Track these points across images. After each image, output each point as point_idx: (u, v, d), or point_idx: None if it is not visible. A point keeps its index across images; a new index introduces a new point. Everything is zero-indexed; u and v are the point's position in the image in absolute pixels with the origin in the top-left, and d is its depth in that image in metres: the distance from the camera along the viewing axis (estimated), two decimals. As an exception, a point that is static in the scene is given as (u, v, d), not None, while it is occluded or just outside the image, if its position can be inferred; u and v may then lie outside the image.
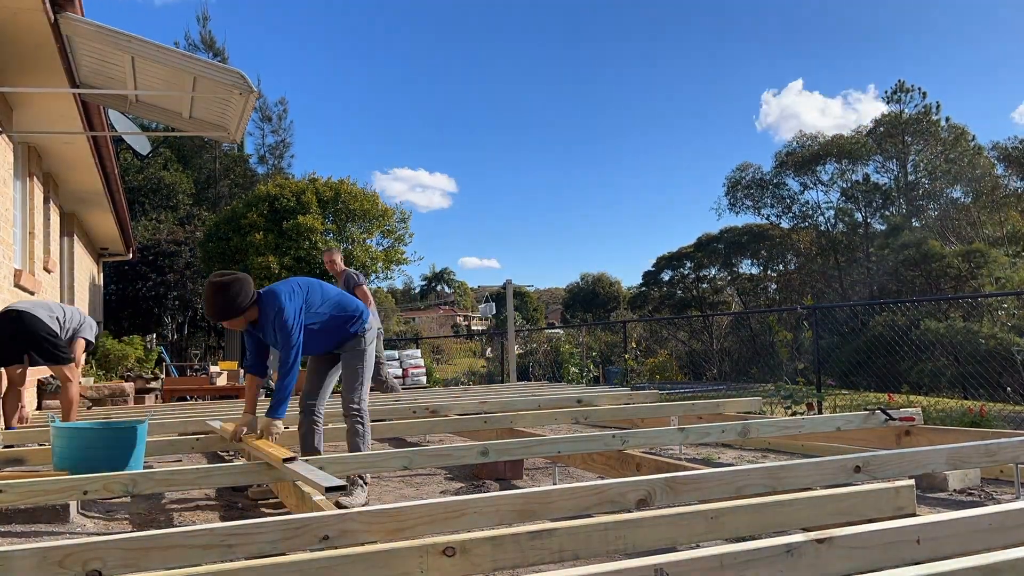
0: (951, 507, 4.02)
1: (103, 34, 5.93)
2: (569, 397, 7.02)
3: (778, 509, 2.43)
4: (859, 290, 29.69)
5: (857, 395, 10.98)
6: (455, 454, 3.97)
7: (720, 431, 4.60)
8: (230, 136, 7.34)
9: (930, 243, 25.00)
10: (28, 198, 8.34)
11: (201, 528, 2.24)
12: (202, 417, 5.75)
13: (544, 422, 5.76)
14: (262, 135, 30.20)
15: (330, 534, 2.33)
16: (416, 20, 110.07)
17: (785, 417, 5.92)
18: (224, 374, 12.85)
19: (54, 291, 10.14)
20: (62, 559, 2.02)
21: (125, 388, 9.37)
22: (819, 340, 9.66)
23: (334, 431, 4.82)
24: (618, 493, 2.67)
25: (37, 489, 3.25)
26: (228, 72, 6.21)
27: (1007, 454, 3.60)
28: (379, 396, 8.95)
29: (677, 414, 6.00)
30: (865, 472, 3.09)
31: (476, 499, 2.53)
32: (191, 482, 3.58)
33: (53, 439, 4.07)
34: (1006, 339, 13.01)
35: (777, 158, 36.39)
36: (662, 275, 41.78)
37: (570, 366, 13.41)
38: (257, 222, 13.76)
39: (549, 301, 72.64)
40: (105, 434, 4.14)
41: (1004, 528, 2.22)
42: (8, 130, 7.10)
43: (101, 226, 13.38)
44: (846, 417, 4.93)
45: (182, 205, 23.28)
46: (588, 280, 67.71)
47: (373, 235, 14.95)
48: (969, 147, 32.34)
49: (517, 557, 2.05)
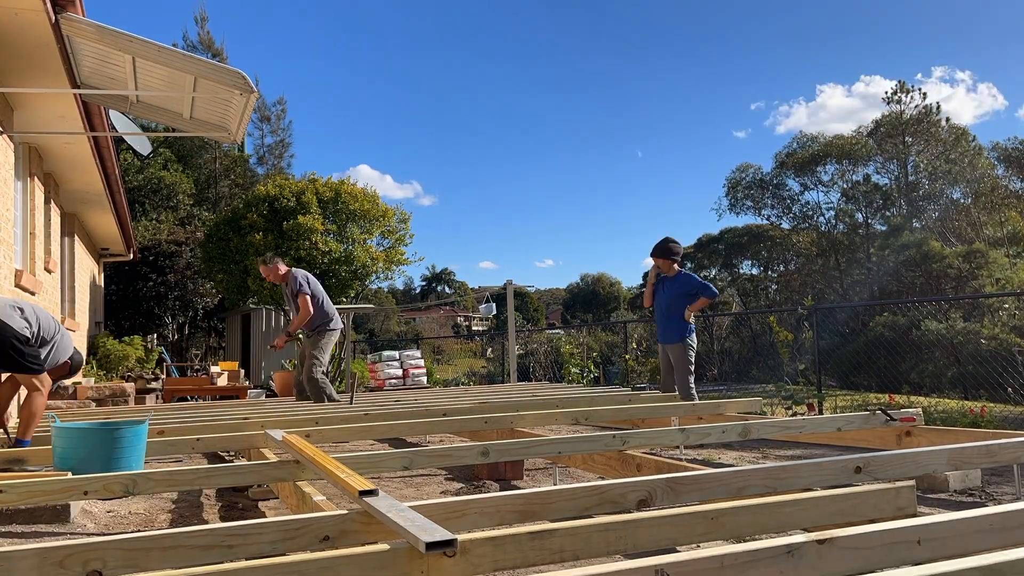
0: (952, 508, 4.01)
1: (104, 34, 5.93)
2: (569, 397, 7.01)
3: (779, 509, 2.43)
4: (860, 291, 29.65)
5: (858, 395, 10.97)
6: (455, 454, 3.97)
7: (721, 431, 4.60)
8: (231, 136, 7.35)
9: (931, 244, 24.98)
10: (29, 198, 8.34)
11: (201, 528, 2.24)
12: (208, 422, 5.74)
13: (544, 422, 5.76)
14: (261, 135, 30.20)
15: (330, 534, 2.32)
16: (417, 19, 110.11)
17: (786, 417, 5.92)
18: (224, 374, 12.86)
19: (55, 291, 10.14)
20: (62, 559, 2.02)
21: (126, 388, 9.37)
22: (820, 341, 9.66)
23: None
24: (619, 493, 2.67)
25: (37, 489, 3.25)
26: (229, 72, 6.21)
27: (1008, 454, 3.60)
28: (380, 395, 8.96)
29: (677, 414, 5.99)
30: (866, 473, 3.09)
31: (476, 499, 2.53)
32: (191, 482, 3.58)
33: (54, 439, 4.07)
34: (1007, 340, 13.00)
35: (777, 159, 36.38)
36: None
37: (570, 366, 13.41)
38: (257, 222, 13.76)
39: (549, 301, 72.61)
40: (105, 434, 4.13)
41: (1005, 528, 2.22)
42: (9, 130, 7.10)
43: (102, 226, 13.39)
44: (847, 417, 4.92)
45: (182, 205, 23.27)
46: (588, 280, 67.72)
47: (373, 235, 14.95)
48: (969, 147, 32.32)
49: (517, 557, 2.05)
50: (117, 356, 12.75)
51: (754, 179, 37.09)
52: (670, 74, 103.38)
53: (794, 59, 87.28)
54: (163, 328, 20.88)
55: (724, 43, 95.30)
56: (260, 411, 6.50)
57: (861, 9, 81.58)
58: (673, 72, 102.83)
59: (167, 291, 19.59)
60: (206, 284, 19.17)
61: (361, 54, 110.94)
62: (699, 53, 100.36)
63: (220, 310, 21.67)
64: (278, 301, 14.31)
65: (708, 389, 12.87)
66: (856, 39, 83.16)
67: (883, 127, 33.76)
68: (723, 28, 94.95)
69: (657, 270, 7.41)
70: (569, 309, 64.39)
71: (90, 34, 5.95)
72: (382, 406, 6.74)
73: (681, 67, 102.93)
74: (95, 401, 8.85)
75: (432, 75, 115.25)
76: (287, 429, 4.96)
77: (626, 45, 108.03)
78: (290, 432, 4.57)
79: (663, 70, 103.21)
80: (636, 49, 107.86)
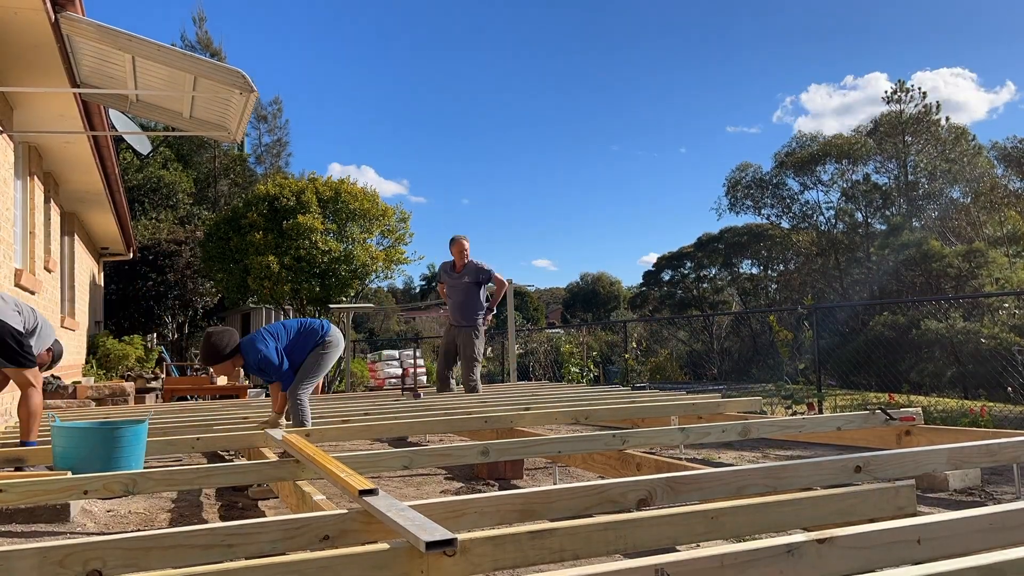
0: (952, 507, 4.02)
1: (103, 33, 5.93)
2: (569, 397, 7.01)
3: (778, 509, 2.43)
4: (859, 290, 29.66)
5: (857, 395, 10.98)
6: (455, 454, 3.97)
7: (720, 431, 4.60)
8: (230, 136, 7.35)
9: (930, 243, 24.99)
10: (29, 197, 8.34)
11: (201, 528, 2.24)
12: (207, 422, 5.74)
13: (544, 422, 5.76)
14: (259, 135, 30.23)
15: (330, 534, 2.33)
16: (414, 20, 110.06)
17: (785, 417, 5.92)
18: (224, 374, 12.85)
19: (55, 290, 10.14)
20: (62, 559, 2.02)
21: (125, 388, 9.38)
22: (819, 340, 9.66)
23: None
24: (618, 493, 2.67)
25: (37, 489, 3.25)
26: (229, 72, 6.21)
27: (1007, 454, 3.60)
28: (378, 395, 8.96)
29: (677, 414, 6.00)
30: (866, 472, 3.09)
31: (476, 499, 2.53)
32: (191, 482, 3.59)
33: (54, 438, 4.06)
34: (1006, 339, 13.01)
35: (776, 158, 36.39)
36: (662, 275, 41.77)
37: (570, 366, 13.42)
38: (257, 222, 13.75)
39: (549, 300, 72.61)
40: (105, 433, 4.13)
41: (1005, 528, 2.22)
42: (9, 130, 7.10)
43: (101, 225, 13.39)
44: (846, 417, 4.93)
45: (182, 204, 23.27)
46: (588, 280, 67.72)
47: (373, 235, 14.94)
48: (969, 147, 32.35)
49: (517, 557, 2.05)
50: (117, 355, 12.76)
51: (754, 178, 37.11)
52: (668, 73, 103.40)
53: (791, 57, 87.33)
54: (163, 327, 20.87)
55: (724, 41, 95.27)
56: (260, 411, 6.50)
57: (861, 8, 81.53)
58: (672, 71, 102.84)
59: (167, 290, 19.59)
60: (206, 283, 19.18)
61: (361, 54, 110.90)
62: (699, 51, 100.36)
63: (220, 309, 21.68)
64: (278, 301, 14.31)
65: (708, 388, 12.86)
66: (851, 38, 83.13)
67: (882, 126, 33.78)
68: (723, 26, 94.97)
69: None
70: (569, 308, 64.38)
71: (90, 33, 5.94)
72: (381, 404, 6.74)
73: (681, 66, 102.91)
74: (95, 400, 8.85)
75: (432, 75, 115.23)
76: (287, 428, 4.96)
77: (625, 45, 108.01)
78: (290, 431, 4.57)
79: (663, 69, 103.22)
80: (636, 49, 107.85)
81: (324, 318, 11.57)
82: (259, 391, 13.19)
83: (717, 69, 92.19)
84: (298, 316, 14.47)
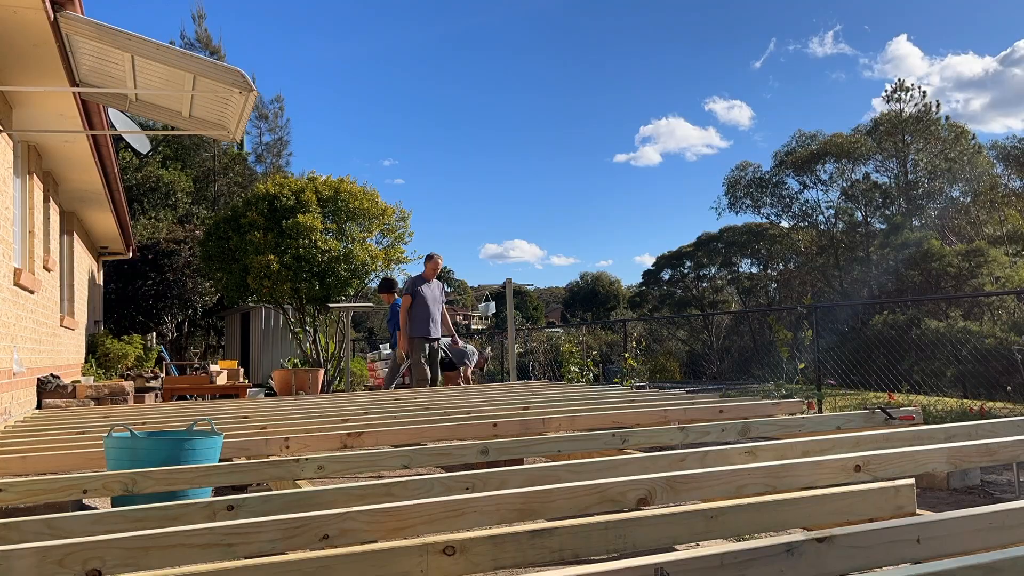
0: (951, 506, 4.02)
1: (103, 32, 5.92)
2: (569, 396, 7.01)
3: (778, 508, 2.43)
4: (859, 289, 29.66)
5: (857, 394, 10.98)
6: (455, 453, 3.97)
7: (720, 430, 4.60)
8: (230, 135, 7.34)
9: (930, 242, 25.00)
10: (28, 197, 8.34)
11: (201, 527, 2.24)
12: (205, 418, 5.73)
13: (571, 426, 5.73)
14: (259, 134, 30.19)
15: (330, 533, 2.32)
16: (414, 20, 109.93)
17: (785, 416, 5.91)
18: (224, 373, 12.86)
19: (54, 290, 10.14)
20: (62, 558, 2.02)
21: (125, 387, 9.37)
22: (819, 339, 9.67)
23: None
24: (618, 492, 2.67)
25: (37, 488, 3.25)
26: (228, 71, 6.21)
27: (1007, 453, 3.60)
28: (379, 394, 8.97)
29: (677, 416, 5.98)
30: (865, 471, 3.09)
31: (476, 498, 2.53)
32: (190, 481, 3.58)
33: (113, 450, 3.80)
34: (1006, 338, 13.01)
35: (776, 157, 36.39)
36: (662, 274, 41.80)
37: (570, 365, 13.41)
38: (256, 221, 13.73)
39: (549, 300, 72.62)
40: (177, 444, 3.87)
41: (1004, 527, 2.22)
42: (8, 129, 7.10)
43: (101, 225, 13.38)
44: (846, 416, 4.93)
45: (181, 204, 23.24)
46: (588, 279, 67.74)
47: (373, 234, 14.92)
48: (969, 146, 32.34)
49: (517, 556, 2.05)
50: (116, 355, 12.76)
51: (753, 177, 37.12)
52: (671, 72, 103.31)
53: (792, 57, 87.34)
54: (162, 326, 20.87)
55: (723, 38, 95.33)
56: (259, 410, 6.50)
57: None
58: (673, 70, 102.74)
59: (166, 289, 19.58)
60: (205, 283, 19.16)
61: (359, 53, 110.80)
62: (698, 49, 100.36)
63: (219, 308, 21.66)
64: (277, 300, 14.30)
65: (708, 388, 12.86)
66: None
67: (882, 125, 33.78)
68: (722, 20, 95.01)
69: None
70: (569, 308, 64.37)
71: (89, 32, 5.94)
72: (381, 404, 6.74)
73: (681, 65, 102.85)
74: (94, 400, 8.84)
75: (431, 74, 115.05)
76: (292, 432, 4.97)
77: (626, 44, 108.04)
78: (294, 435, 4.57)
79: (664, 68, 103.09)
80: (636, 48, 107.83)
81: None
82: (259, 390, 13.18)
83: (717, 63, 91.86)
84: (297, 315, 14.50)
